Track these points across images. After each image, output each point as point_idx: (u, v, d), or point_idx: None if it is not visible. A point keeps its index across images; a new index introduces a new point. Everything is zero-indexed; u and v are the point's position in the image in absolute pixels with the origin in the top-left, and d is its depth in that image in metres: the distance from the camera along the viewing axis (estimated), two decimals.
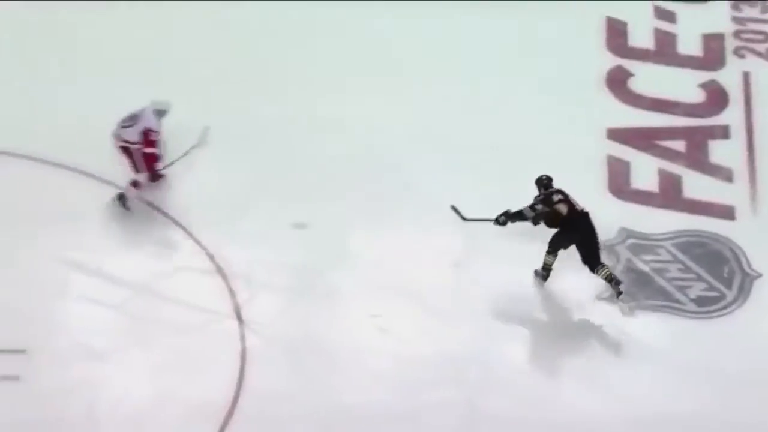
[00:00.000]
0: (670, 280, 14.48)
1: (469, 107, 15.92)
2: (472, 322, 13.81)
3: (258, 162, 15.06)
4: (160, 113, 14.48)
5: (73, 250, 14.00)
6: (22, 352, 13.11)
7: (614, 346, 13.86)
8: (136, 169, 14.44)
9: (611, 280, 14.03)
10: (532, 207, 14.08)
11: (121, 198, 14.47)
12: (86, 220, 14.33)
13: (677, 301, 14.29)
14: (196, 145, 14.76)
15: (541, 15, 16.94)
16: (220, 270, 14.00)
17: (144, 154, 14.37)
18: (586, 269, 13.98)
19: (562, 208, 14.01)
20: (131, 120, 14.38)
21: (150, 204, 14.56)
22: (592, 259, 14.00)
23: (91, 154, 14.76)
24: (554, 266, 14.15)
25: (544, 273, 14.28)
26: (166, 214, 14.52)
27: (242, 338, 13.46)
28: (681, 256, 14.69)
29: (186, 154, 14.66)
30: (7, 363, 13.03)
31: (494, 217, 14.10)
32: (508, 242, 14.31)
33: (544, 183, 14.17)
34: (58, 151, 14.80)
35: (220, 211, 14.55)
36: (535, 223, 14.12)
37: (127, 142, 14.36)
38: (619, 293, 14.05)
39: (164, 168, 14.61)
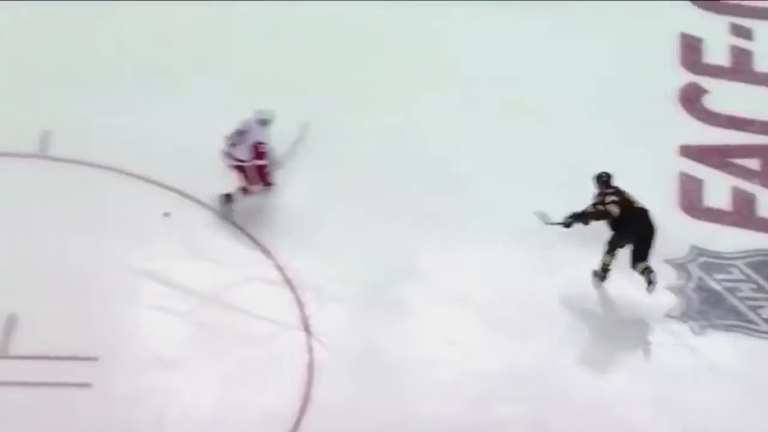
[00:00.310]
0: (743, 299, 14.30)
1: (538, 120, 15.91)
2: (539, 336, 13.74)
3: (327, 176, 15.08)
4: (264, 122, 14.48)
5: (145, 259, 14.12)
6: (94, 359, 13.23)
7: (685, 365, 13.71)
8: (250, 183, 14.49)
9: (644, 271, 13.82)
10: (594, 206, 13.95)
11: (228, 199, 14.51)
12: (157, 230, 14.44)
13: (749, 321, 14.11)
14: (298, 140, 14.83)
15: (615, 30, 16.88)
16: (288, 281, 14.05)
17: (256, 167, 14.41)
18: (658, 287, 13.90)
19: (614, 209, 13.86)
20: (239, 136, 14.38)
21: (221, 214, 14.68)
22: (640, 256, 13.83)
23: (167, 164, 14.90)
24: (628, 286, 14.09)
25: (602, 273, 14.14)
26: (236, 225, 14.61)
27: (310, 350, 13.48)
28: (754, 276, 14.51)
29: (290, 151, 14.75)
30: (79, 370, 13.14)
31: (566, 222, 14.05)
32: (575, 253, 14.28)
33: (603, 180, 14.03)
34: (132, 161, 14.92)
35: (290, 223, 14.64)
36: (586, 222, 13.98)
37: (239, 160, 14.39)
38: (650, 283, 13.85)
39: (274, 172, 14.63)
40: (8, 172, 14.85)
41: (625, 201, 13.90)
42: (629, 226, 13.88)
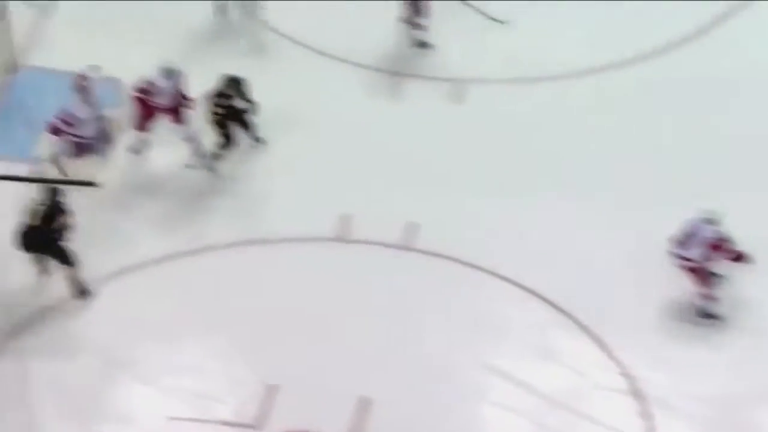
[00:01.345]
0: None
1: None
2: None
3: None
4: (710, 221, 14.09)
5: (497, 357, 14.17)
6: None
7: None
8: (702, 284, 14.17)
9: None
10: None
11: (707, 314, 14.29)
12: (513, 329, 14.46)
13: None
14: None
15: None
16: (637, 392, 13.77)
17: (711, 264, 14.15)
18: None
19: None
20: (690, 239, 14.10)
21: (571, 317, 14.59)
22: None
23: (525, 264, 14.92)
24: None
25: None
26: (588, 330, 14.42)
27: None
28: None
29: None
30: None
31: None
32: None
33: None
34: (497, 259, 15.01)
35: (643, 332, 14.31)
36: None
37: (692, 261, 14.11)
38: None
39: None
40: (377, 261, 15.28)
41: None
42: None
